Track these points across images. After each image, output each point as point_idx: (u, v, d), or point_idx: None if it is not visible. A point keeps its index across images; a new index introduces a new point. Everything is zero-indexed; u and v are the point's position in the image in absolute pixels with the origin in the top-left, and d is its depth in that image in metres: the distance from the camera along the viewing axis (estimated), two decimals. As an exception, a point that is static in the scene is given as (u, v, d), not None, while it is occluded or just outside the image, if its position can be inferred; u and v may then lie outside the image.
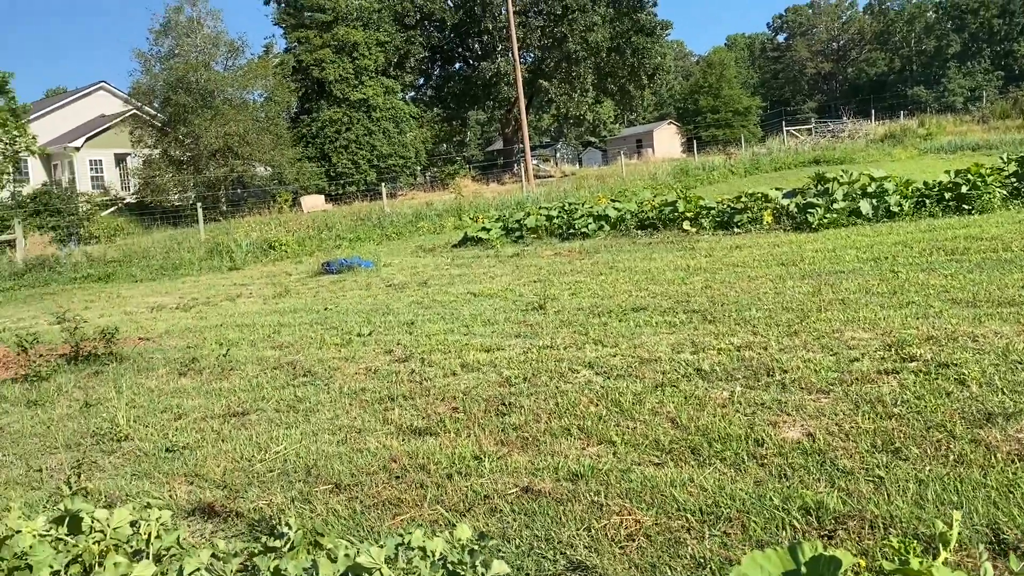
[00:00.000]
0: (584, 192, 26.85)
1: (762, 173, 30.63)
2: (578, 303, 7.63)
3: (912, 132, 37.75)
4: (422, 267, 12.69)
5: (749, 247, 10.32)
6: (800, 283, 7.24)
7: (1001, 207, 10.38)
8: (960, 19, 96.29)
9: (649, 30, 45.51)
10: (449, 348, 6.12)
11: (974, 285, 6.10)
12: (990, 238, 8.19)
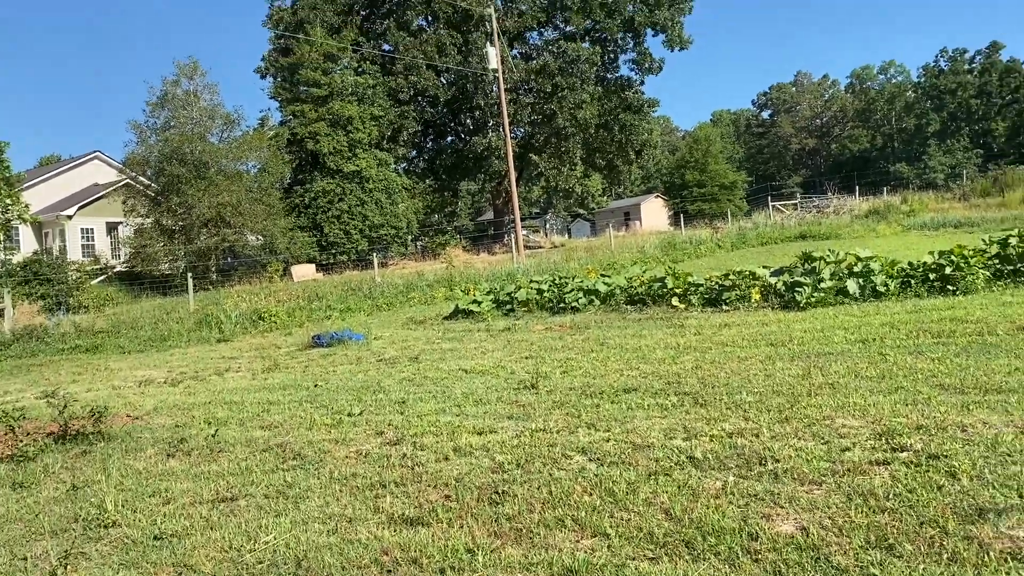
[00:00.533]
0: (573, 264, 27.06)
1: (749, 247, 30.99)
2: (570, 382, 7.64)
3: (895, 208, 38.44)
4: (413, 340, 12.69)
5: (738, 325, 10.40)
6: (790, 364, 7.29)
7: (984, 288, 10.54)
8: (939, 99, 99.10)
9: (636, 108, 46.59)
10: (441, 430, 6.10)
11: (961, 370, 6.17)
12: (975, 321, 8.30)
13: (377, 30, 43.95)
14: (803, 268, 12.25)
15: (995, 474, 3.75)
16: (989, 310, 8.87)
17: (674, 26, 44.13)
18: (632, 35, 45.46)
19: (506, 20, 42.81)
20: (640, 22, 44.01)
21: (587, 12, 43.73)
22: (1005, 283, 10.72)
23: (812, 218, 39.03)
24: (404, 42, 41.37)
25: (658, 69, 46.26)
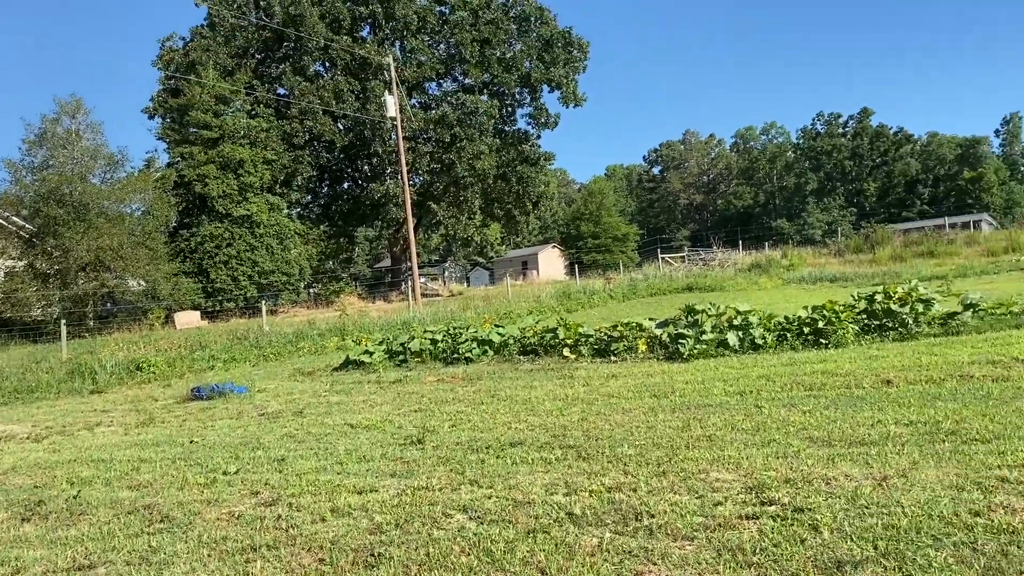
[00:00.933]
0: (471, 313, 27.08)
1: (639, 298, 31.79)
2: (457, 436, 7.57)
3: (776, 263, 40.30)
4: (299, 393, 12.35)
5: (625, 376, 10.60)
6: (671, 416, 7.46)
7: (854, 342, 11.11)
8: (816, 159, 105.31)
9: (533, 160, 47.59)
10: (320, 489, 5.92)
11: (829, 423, 6.45)
12: (844, 374, 8.72)
13: (272, 74, 43.51)
14: (686, 320, 12.63)
15: (853, 526, 3.91)
16: (857, 363, 9.34)
17: (569, 83, 45.51)
18: (529, 90, 46.61)
19: (405, 70, 43.17)
20: (536, 78, 45.19)
21: (485, 66, 44.62)
22: (872, 337, 11.33)
23: (699, 271, 40.44)
24: (300, 87, 41.07)
25: (554, 124, 47.47)
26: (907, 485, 4.48)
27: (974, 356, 8.85)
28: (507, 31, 45.31)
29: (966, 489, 4.29)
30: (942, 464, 4.86)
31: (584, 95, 46.55)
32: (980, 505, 4.00)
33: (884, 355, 9.72)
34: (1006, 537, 3.57)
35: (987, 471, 4.60)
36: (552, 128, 47.82)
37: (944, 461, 4.93)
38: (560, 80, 45.25)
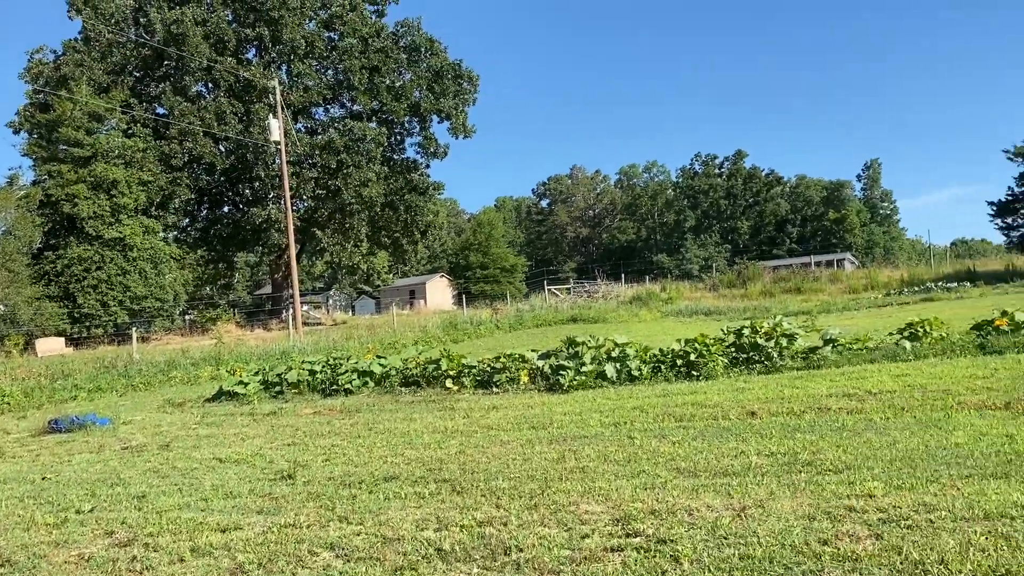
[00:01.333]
0: (354, 343, 26.64)
1: (525, 329, 32.10)
2: (330, 471, 7.39)
3: (656, 296, 41.60)
4: (167, 425, 11.79)
5: (505, 408, 10.64)
6: (547, 448, 7.52)
7: (723, 374, 11.55)
8: (694, 198, 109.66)
9: (422, 190, 47.58)
10: (181, 528, 5.64)
11: (696, 453, 6.66)
12: (712, 405, 9.05)
13: (152, 92, 41.95)
14: (568, 352, 12.83)
15: (712, 557, 4.03)
16: (725, 395, 9.71)
17: (458, 114, 45.88)
18: (418, 119, 46.69)
19: (291, 94, 42.48)
20: (426, 108, 45.35)
21: (374, 94, 44.44)
22: (740, 370, 11.81)
23: (583, 302, 41.28)
24: (181, 107, 39.72)
25: (443, 154, 47.67)
26: (764, 515, 4.66)
27: (832, 389, 9.35)
28: (397, 60, 45.35)
29: (817, 519, 4.51)
30: (797, 494, 5.10)
31: (474, 127, 47.04)
32: (828, 534, 4.20)
33: (750, 387, 10.14)
34: (849, 564, 3.77)
35: (837, 501, 4.84)
36: (441, 158, 48.02)
37: (799, 491, 5.17)
38: (450, 111, 45.57)
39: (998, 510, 4.37)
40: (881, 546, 3.97)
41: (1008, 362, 9.79)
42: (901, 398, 8.39)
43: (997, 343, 10.86)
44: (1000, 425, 6.70)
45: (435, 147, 47.41)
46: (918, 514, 4.42)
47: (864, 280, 41.91)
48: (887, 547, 3.94)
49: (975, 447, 6.02)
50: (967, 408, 7.63)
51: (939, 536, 4.03)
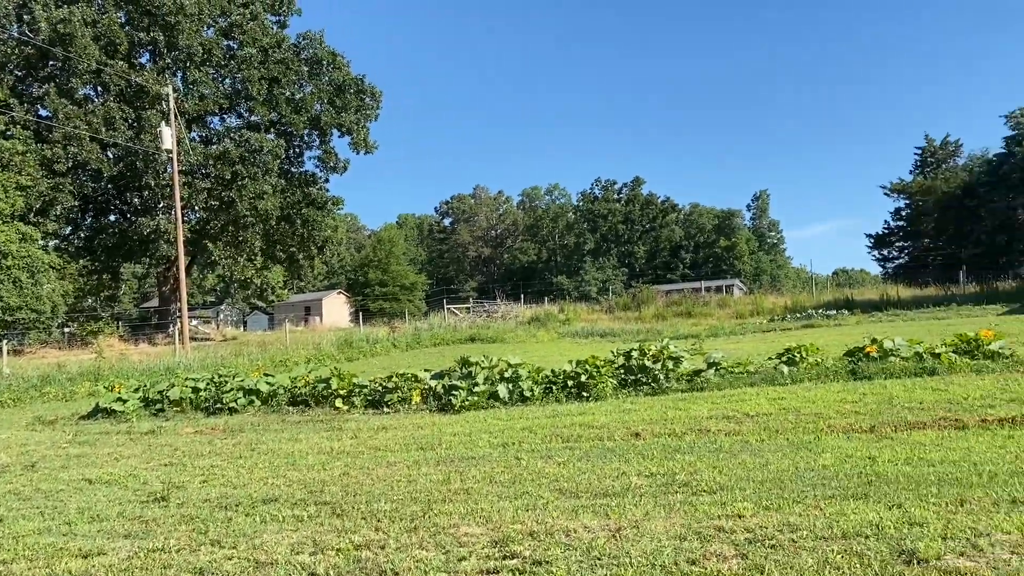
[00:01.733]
0: (243, 360, 25.87)
1: (423, 348, 31.88)
2: (207, 493, 7.13)
3: (554, 317, 42.09)
4: (35, 444, 11.12)
5: (395, 428, 10.52)
6: (434, 470, 7.47)
7: (612, 395, 11.77)
8: (593, 222, 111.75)
9: (320, 204, 46.79)
10: (39, 554, 5.32)
11: (580, 474, 6.74)
12: (599, 426, 9.19)
13: (34, 93, 39.85)
14: (461, 372, 12.81)
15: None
16: (612, 416, 9.88)
17: (360, 130, 45.46)
18: (319, 133, 45.99)
19: (185, 101, 41.16)
20: (327, 122, 44.73)
21: (273, 105, 43.55)
22: (629, 391, 12.05)
23: (483, 322, 41.37)
24: (66, 110, 37.85)
25: (343, 169, 47.07)
26: (638, 536, 4.76)
27: (712, 411, 9.65)
28: (298, 72, 44.61)
29: (688, 539, 4.63)
30: (671, 515, 5.22)
31: (375, 143, 46.69)
32: (697, 554, 4.32)
33: (637, 409, 10.36)
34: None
35: (708, 521, 4.99)
36: (341, 173, 47.39)
37: (674, 512, 5.30)
38: (351, 126, 45.08)
39: (855, 529, 4.59)
40: (746, 565, 4.10)
41: (875, 387, 10.34)
42: (776, 420, 8.73)
43: (867, 369, 11.46)
44: (864, 448, 7.06)
45: (335, 161, 46.77)
46: (782, 534, 4.60)
47: (751, 306, 43.56)
48: (751, 566, 4.08)
49: (840, 469, 6.32)
50: (836, 431, 8.00)
51: (800, 555, 4.20)
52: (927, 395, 9.40)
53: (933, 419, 8.07)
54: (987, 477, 5.69)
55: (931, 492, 5.35)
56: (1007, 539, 4.27)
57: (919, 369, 11.13)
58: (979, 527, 4.49)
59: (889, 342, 12.35)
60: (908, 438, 7.38)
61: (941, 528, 4.50)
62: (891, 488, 5.56)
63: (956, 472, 5.90)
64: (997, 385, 9.61)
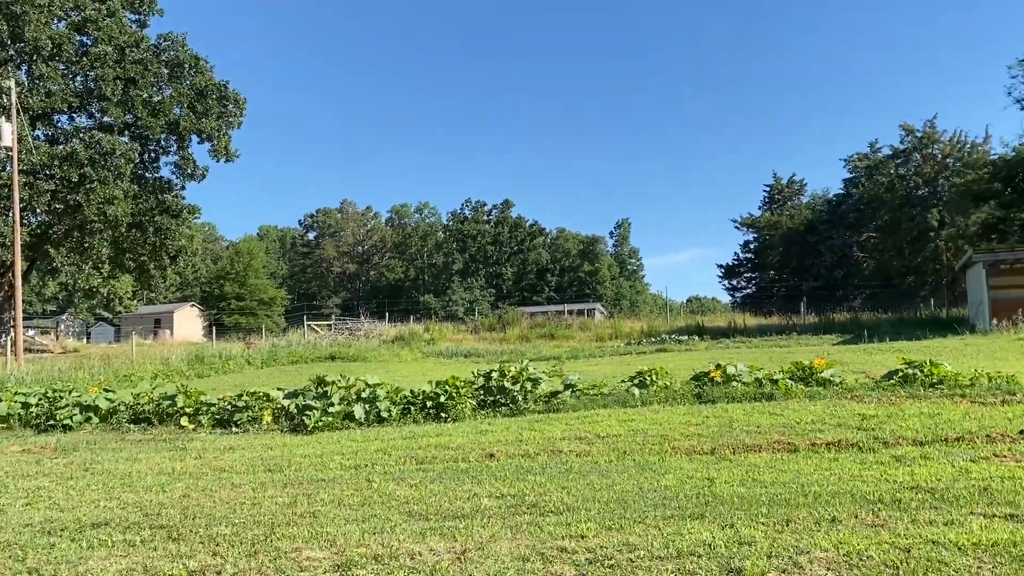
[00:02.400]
0: (84, 374, 24.39)
1: (279, 365, 30.94)
2: (29, 517, 6.63)
3: (419, 336, 41.87)
4: None
5: (243, 449, 10.15)
6: (281, 492, 7.25)
7: (471, 416, 11.80)
8: (463, 241, 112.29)
9: (175, 212, 44.70)
10: None
11: (432, 496, 6.71)
12: (455, 447, 9.19)
13: None
14: (316, 391, 12.51)
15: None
16: (468, 437, 9.90)
17: (221, 137, 43.82)
18: (177, 138, 43.99)
19: (30, 97, 38.51)
20: (186, 127, 42.88)
21: (128, 106, 41.39)
22: (487, 412, 12.12)
23: (344, 340, 40.60)
24: None
25: (201, 176, 45.19)
26: (482, 557, 4.78)
27: (566, 432, 9.85)
28: (157, 74, 42.59)
29: (531, 560, 4.69)
30: (518, 536, 5.28)
31: (237, 151, 45.10)
32: (540, 574, 4.39)
33: (493, 430, 10.43)
34: (554, 603, 3.95)
35: (552, 542, 5.08)
36: (199, 180, 45.42)
37: (520, 533, 5.36)
38: (212, 132, 43.38)
39: (689, 549, 4.79)
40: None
41: (718, 410, 10.86)
42: (625, 442, 9.01)
43: (711, 393, 12.01)
44: (704, 469, 7.38)
45: (193, 168, 44.79)
46: (621, 554, 4.74)
47: (610, 330, 44.83)
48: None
49: (680, 489, 6.58)
50: (679, 453, 8.34)
51: (636, 574, 4.34)
52: (764, 419, 9.95)
53: (768, 442, 8.55)
54: (812, 497, 6.07)
55: (761, 512, 5.66)
56: (824, 556, 4.56)
57: (759, 394, 11.77)
58: (801, 545, 4.78)
59: (732, 368, 13.01)
60: (745, 460, 7.77)
61: (767, 547, 4.77)
62: (726, 508, 5.83)
63: (785, 493, 6.26)
64: (827, 411, 10.30)
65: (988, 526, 5.03)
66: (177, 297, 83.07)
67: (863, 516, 5.41)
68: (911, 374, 12.12)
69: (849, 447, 8.06)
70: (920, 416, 9.50)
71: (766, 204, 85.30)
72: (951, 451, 7.62)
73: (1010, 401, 10.48)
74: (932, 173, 53.56)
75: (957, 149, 52.51)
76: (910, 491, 6.10)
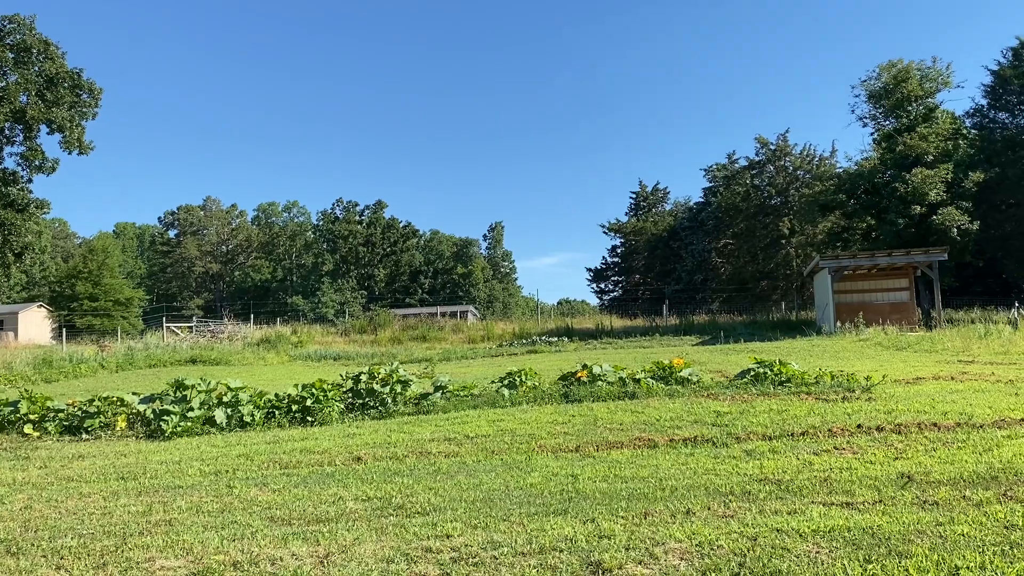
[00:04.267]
0: (-91, 381, 22.35)
1: (136, 369, 29.42)
2: None
3: (286, 339, 40.74)
4: None
5: (94, 456, 9.61)
6: (135, 500, 6.92)
7: (339, 420, 11.62)
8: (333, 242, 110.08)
9: (21, 207, 41.72)
10: None
11: (295, 501, 6.58)
12: (321, 451, 9.03)
13: None
14: (174, 396, 11.98)
15: (286, 606, 3.98)
16: (335, 441, 9.75)
17: (73, 128, 41.26)
18: (23, 128, 41.06)
19: None
20: (33, 116, 40.13)
21: (-34, 91, 38.37)
22: (356, 415, 11.97)
23: (206, 342, 39.03)
24: None
25: (51, 169, 42.37)
26: (346, 560, 4.74)
27: (435, 434, 9.87)
28: (2, 58, 39.64)
29: (395, 561, 4.69)
30: (382, 538, 5.26)
31: (92, 143, 42.56)
32: (404, 575, 4.39)
33: (361, 432, 10.32)
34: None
35: (418, 542, 5.09)
36: (48, 173, 42.56)
37: (385, 535, 5.34)
38: (63, 123, 40.76)
39: (551, 544, 4.91)
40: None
41: (584, 409, 11.16)
42: (493, 442, 9.12)
43: (578, 392, 12.32)
44: (569, 466, 7.57)
45: (42, 160, 41.91)
46: (486, 551, 4.81)
47: (482, 332, 45.12)
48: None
49: (545, 487, 6.73)
50: (546, 451, 8.52)
51: (499, 571, 4.42)
52: (627, 417, 10.31)
53: (630, 439, 8.87)
54: (669, 491, 6.35)
55: (621, 506, 5.86)
56: (678, 547, 4.79)
57: (622, 393, 12.17)
58: (657, 537, 4.99)
59: (598, 368, 13.39)
60: (608, 457, 8.03)
61: (626, 539, 4.95)
62: (588, 504, 6.01)
63: (644, 488, 6.52)
64: (685, 408, 10.77)
65: (827, 514, 5.41)
66: (23, 297, 77.38)
67: (715, 508, 5.70)
68: (762, 373, 12.84)
69: (704, 442, 8.47)
70: (769, 412, 10.09)
71: (632, 210, 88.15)
72: (796, 445, 8.13)
73: (850, 398, 11.29)
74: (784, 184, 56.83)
75: (807, 162, 55.93)
76: (759, 483, 6.47)
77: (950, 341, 22.66)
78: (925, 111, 41.63)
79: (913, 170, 38.11)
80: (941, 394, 11.39)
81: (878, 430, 8.58)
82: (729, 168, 63.27)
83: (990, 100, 48.40)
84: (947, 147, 40.37)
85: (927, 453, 7.37)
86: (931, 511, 5.31)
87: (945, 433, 8.27)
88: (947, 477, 6.33)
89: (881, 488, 6.08)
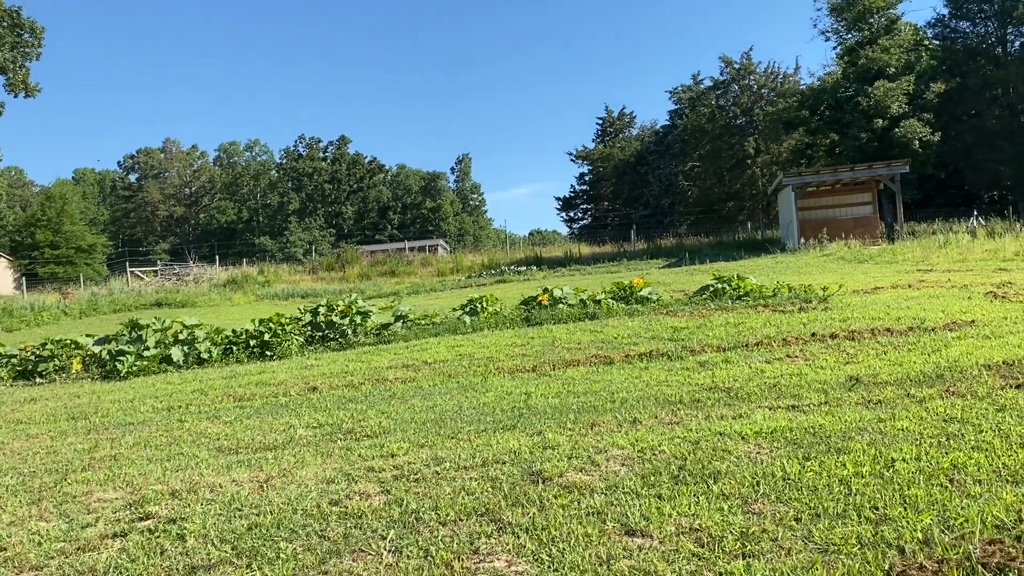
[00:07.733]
0: None
1: (100, 315, 29.10)
2: None
3: (252, 279, 40.35)
4: None
5: (46, 399, 9.47)
6: (82, 439, 6.82)
7: (297, 353, 11.53)
8: (298, 180, 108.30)
9: (-31, 154, 40.40)
10: None
11: (245, 431, 6.51)
12: (277, 383, 8.96)
13: None
14: (129, 336, 11.80)
15: (219, 530, 3.92)
16: (292, 373, 9.68)
17: (17, 69, 39.76)
18: (-36, 71, 39.53)
19: None
20: (-27, 58, 38.60)
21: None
22: (315, 348, 11.89)
23: (172, 286, 38.57)
24: None
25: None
26: (286, 483, 4.68)
27: (393, 361, 9.82)
28: (-67, -3, 37.88)
29: (335, 481, 4.63)
30: (327, 461, 5.20)
31: (38, 85, 41.09)
32: (342, 495, 4.34)
33: (319, 364, 10.25)
34: (353, 521, 3.91)
35: (361, 463, 5.04)
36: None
37: (330, 458, 5.28)
38: (4, 64, 39.25)
39: (495, 457, 4.88)
40: (387, 500, 4.19)
41: (543, 332, 11.15)
42: (451, 366, 9.09)
43: (539, 316, 12.30)
44: (523, 385, 7.55)
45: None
46: (428, 468, 4.77)
47: (451, 264, 44.93)
48: (392, 501, 4.17)
49: (498, 405, 6.70)
50: (503, 372, 8.50)
51: (440, 486, 4.38)
52: (585, 336, 10.31)
53: (587, 357, 8.87)
54: (619, 403, 6.34)
55: (570, 419, 5.85)
56: (620, 453, 4.77)
57: (583, 314, 12.17)
58: (601, 445, 4.98)
59: (559, 291, 13.36)
60: (563, 375, 8.02)
61: (569, 449, 4.93)
62: (538, 419, 5.99)
63: (595, 401, 6.51)
64: (643, 326, 10.79)
65: (771, 416, 5.42)
66: (-19, 248, 75.68)
67: (662, 416, 5.70)
68: (720, 288, 12.88)
69: (660, 357, 8.49)
70: (726, 326, 10.13)
71: (599, 137, 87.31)
72: (750, 355, 8.16)
73: (807, 308, 11.37)
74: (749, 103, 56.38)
75: (771, 80, 55.41)
76: (708, 391, 6.49)
77: (911, 252, 22.92)
78: (887, 23, 41.25)
79: (875, 83, 37.95)
80: (897, 301, 11.51)
81: (832, 337, 8.64)
82: (694, 89, 62.62)
83: (952, 9, 48.05)
84: (909, 59, 40.16)
85: (877, 356, 7.42)
86: (874, 409, 5.34)
87: (897, 337, 8.34)
88: (894, 378, 6.38)
89: (829, 391, 6.11)
